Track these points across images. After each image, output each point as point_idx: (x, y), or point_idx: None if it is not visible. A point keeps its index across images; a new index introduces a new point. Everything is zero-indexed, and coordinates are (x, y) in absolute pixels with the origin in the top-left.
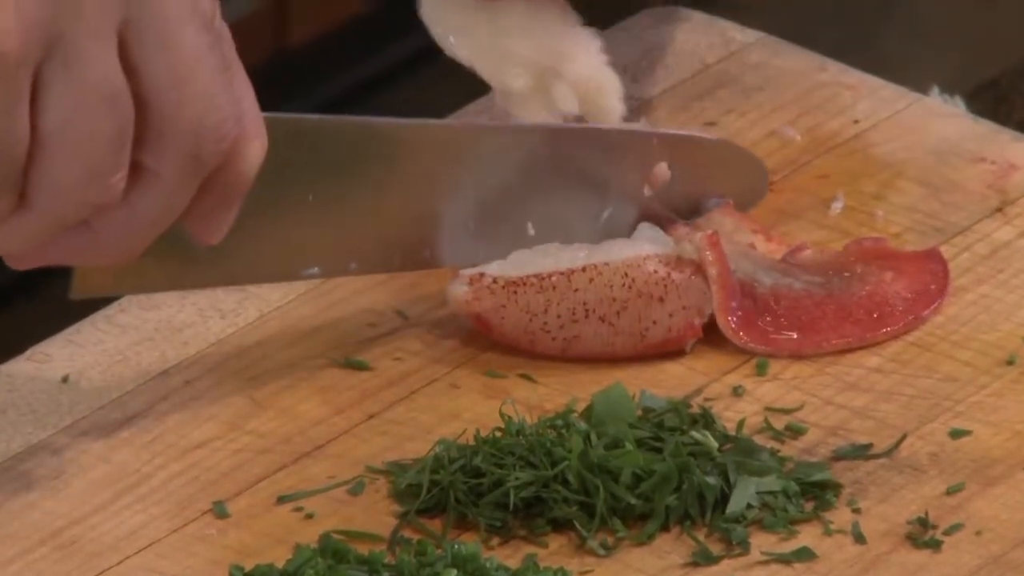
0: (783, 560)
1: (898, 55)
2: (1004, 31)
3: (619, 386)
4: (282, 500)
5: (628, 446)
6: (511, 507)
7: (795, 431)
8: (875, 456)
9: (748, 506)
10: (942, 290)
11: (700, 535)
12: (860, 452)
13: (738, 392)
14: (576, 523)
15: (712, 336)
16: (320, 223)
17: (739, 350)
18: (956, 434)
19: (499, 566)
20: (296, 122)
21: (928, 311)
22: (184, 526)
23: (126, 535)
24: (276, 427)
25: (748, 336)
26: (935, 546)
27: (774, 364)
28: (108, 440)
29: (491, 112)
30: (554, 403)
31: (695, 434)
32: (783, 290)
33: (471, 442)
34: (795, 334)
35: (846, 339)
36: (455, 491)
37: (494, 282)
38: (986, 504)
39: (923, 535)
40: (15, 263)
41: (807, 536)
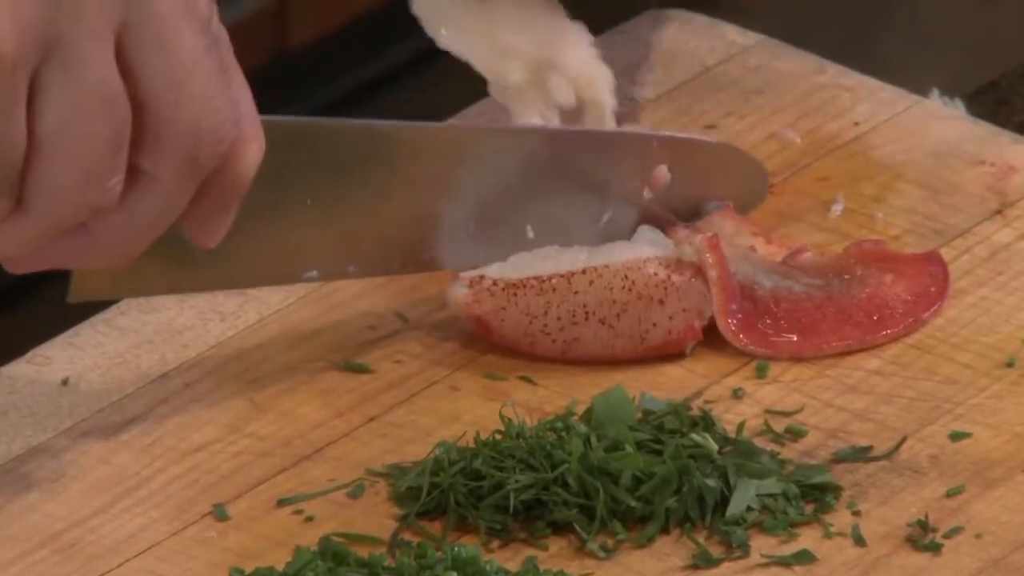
0: (783, 563)
1: (898, 57)
2: (1004, 33)
3: (619, 388)
4: (282, 503)
5: (628, 448)
6: (511, 510)
7: (795, 433)
8: (875, 459)
9: (748, 508)
10: (942, 292)
11: (700, 537)
12: (860, 454)
13: (738, 394)
14: (576, 525)
15: (712, 338)
16: (319, 226)
17: (739, 352)
18: (956, 436)
19: (499, 569)
20: (294, 125)
21: (928, 313)
22: (184, 529)
23: (126, 538)
24: (276, 430)
25: (748, 338)
26: (935, 549)
27: (774, 366)
28: (108, 443)
29: (491, 113)
30: (554, 405)
31: (695, 436)
32: (783, 292)
33: (471, 445)
34: (795, 336)
35: (846, 341)
36: (455, 494)
37: (494, 284)
38: (986, 507)
39: (923, 538)
40: (12, 267)
41: (807, 539)
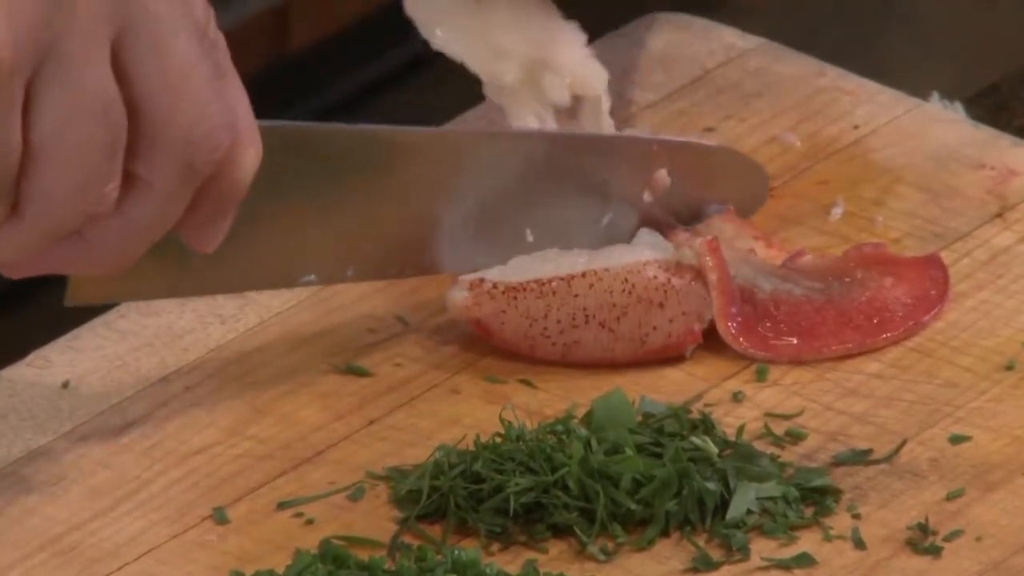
0: (783, 566)
1: (898, 60)
2: (1004, 36)
3: (619, 392)
4: (282, 506)
5: (628, 452)
6: (511, 513)
7: (795, 437)
8: (875, 462)
9: (748, 512)
10: (942, 296)
11: (700, 541)
12: (860, 458)
13: (738, 398)
14: (576, 529)
15: (712, 342)
16: (317, 230)
17: (739, 356)
18: (956, 440)
19: (499, 572)
20: (291, 129)
21: (928, 317)
22: (184, 532)
23: (126, 541)
24: (276, 433)
25: (748, 342)
26: (935, 552)
27: (774, 370)
28: (108, 446)
29: (490, 117)
30: (554, 408)
31: (695, 439)
32: (783, 296)
33: (471, 448)
34: (795, 340)
35: (846, 345)
36: (455, 497)
37: (494, 287)
38: (986, 510)
39: (923, 541)
40: (8, 272)
41: (807, 542)
